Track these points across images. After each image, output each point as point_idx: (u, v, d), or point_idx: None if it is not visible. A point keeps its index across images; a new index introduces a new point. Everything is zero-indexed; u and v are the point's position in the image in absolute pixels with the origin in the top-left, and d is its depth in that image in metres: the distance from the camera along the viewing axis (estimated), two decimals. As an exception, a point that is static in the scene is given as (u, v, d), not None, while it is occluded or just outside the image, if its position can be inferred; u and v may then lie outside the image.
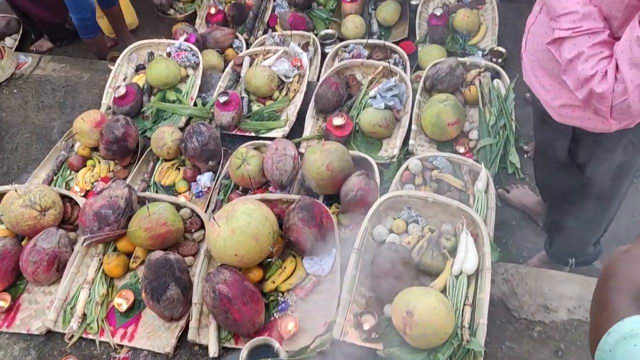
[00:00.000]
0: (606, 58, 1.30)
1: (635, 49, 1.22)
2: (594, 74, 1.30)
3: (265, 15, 3.71)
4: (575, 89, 1.37)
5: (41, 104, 3.18)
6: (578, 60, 1.33)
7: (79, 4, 3.22)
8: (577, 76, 1.34)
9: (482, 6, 3.34)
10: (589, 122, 1.53)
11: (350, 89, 2.84)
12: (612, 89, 1.28)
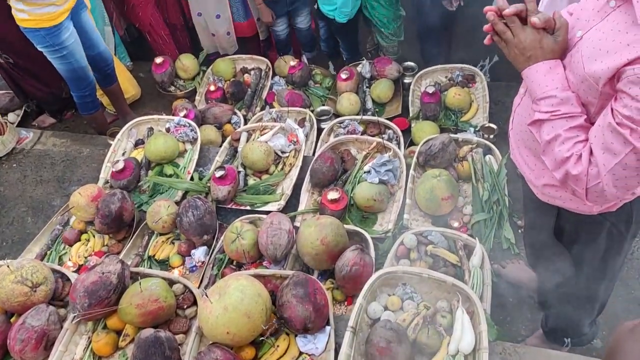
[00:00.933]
0: (582, 142, 1.34)
1: (607, 134, 1.26)
2: (570, 156, 1.34)
3: (264, 93, 3.83)
4: (553, 169, 1.41)
5: (39, 178, 3.21)
6: (555, 142, 1.37)
7: (78, 82, 3.32)
8: (555, 157, 1.38)
9: (473, 84, 3.45)
10: (571, 202, 1.56)
11: (345, 163, 2.89)
12: (587, 172, 1.32)
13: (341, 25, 3.78)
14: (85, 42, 3.29)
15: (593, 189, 1.32)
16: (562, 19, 1.40)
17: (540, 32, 1.37)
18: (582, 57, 1.33)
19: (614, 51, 1.24)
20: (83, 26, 3.25)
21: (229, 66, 3.98)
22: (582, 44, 1.35)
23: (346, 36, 4.01)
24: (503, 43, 1.41)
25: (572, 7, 1.60)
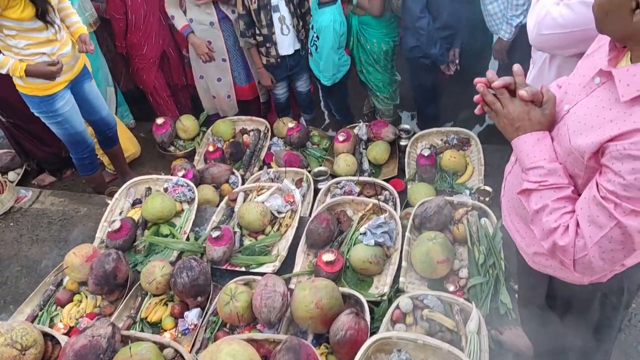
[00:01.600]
0: (569, 213, 1.36)
1: (592, 207, 1.28)
2: (557, 227, 1.36)
3: (262, 153, 3.88)
4: (541, 239, 1.42)
5: (35, 237, 3.21)
6: (543, 212, 1.39)
7: (77, 145, 3.37)
8: (542, 227, 1.39)
9: (468, 147, 3.50)
10: (561, 272, 1.56)
11: (341, 224, 2.90)
12: (574, 244, 1.33)
13: (327, 87, 3.90)
14: (87, 109, 3.37)
15: (580, 260, 1.33)
16: (549, 93, 1.45)
17: (528, 105, 1.42)
18: (568, 131, 1.36)
19: (597, 127, 1.27)
20: (85, 95, 3.32)
21: (228, 127, 4.05)
22: (568, 117, 1.39)
23: (332, 98, 4.12)
24: (493, 113, 1.45)
25: (560, 81, 1.66)
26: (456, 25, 3.47)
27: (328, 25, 3.53)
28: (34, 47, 2.91)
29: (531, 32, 1.94)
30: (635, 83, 1.22)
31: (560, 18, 1.80)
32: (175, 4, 3.83)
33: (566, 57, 1.98)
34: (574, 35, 1.79)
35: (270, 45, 3.77)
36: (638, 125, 1.19)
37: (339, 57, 3.71)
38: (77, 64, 3.19)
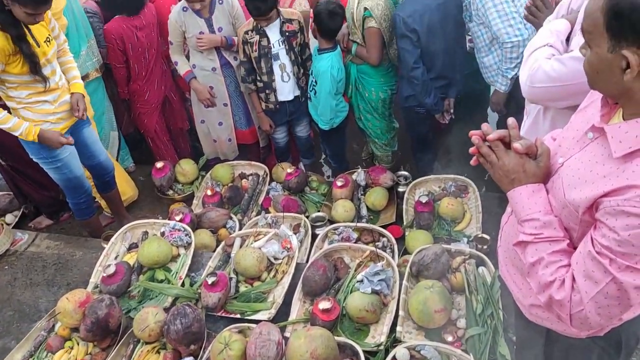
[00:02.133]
0: (565, 266, 1.35)
1: (587, 262, 1.28)
2: (553, 281, 1.35)
3: (260, 198, 3.88)
4: (537, 292, 1.41)
5: (29, 281, 3.18)
6: (539, 265, 1.38)
7: (75, 189, 3.37)
8: (539, 280, 1.39)
9: (465, 195, 3.51)
10: (558, 325, 1.54)
11: (338, 271, 2.87)
12: (570, 298, 1.32)
13: (324, 131, 3.94)
14: (85, 154, 3.39)
15: (577, 315, 1.32)
16: (544, 146, 1.47)
17: (523, 157, 1.43)
18: (562, 184, 1.37)
19: (591, 181, 1.28)
20: (84, 140, 3.35)
21: (227, 171, 4.07)
22: (563, 170, 1.40)
23: (328, 144, 4.16)
24: (488, 165, 1.47)
25: (555, 133, 1.68)
26: (451, 76, 3.53)
27: (326, 71, 3.60)
28: (35, 95, 2.97)
29: (524, 84, 1.97)
30: (627, 140, 1.23)
31: (552, 72, 1.84)
32: (179, 51, 3.92)
33: (559, 109, 2.01)
34: (566, 89, 1.83)
35: (269, 92, 3.83)
36: (631, 182, 1.20)
37: (337, 103, 3.77)
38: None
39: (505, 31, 3.11)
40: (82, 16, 3.79)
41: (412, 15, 3.22)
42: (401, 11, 3.26)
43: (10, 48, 2.75)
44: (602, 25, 1.20)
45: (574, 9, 2.06)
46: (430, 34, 3.29)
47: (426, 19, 3.24)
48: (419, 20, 3.22)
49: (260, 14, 3.48)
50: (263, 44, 3.64)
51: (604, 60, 1.23)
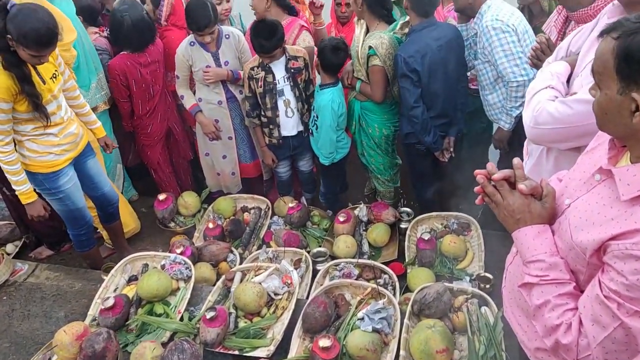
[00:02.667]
0: (572, 310, 1.34)
1: (595, 306, 1.26)
2: (559, 324, 1.33)
3: (261, 232, 3.87)
4: (543, 336, 1.39)
5: (27, 312, 3.15)
6: (545, 307, 1.37)
7: (76, 221, 3.37)
8: (545, 324, 1.37)
9: (468, 232, 3.50)
10: None
11: (338, 308, 2.84)
12: (577, 342, 1.30)
13: (323, 166, 3.96)
14: (89, 185, 3.41)
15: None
16: (549, 187, 1.47)
17: (528, 198, 1.43)
18: (569, 226, 1.37)
19: (599, 224, 1.28)
20: (88, 172, 3.37)
21: (229, 205, 4.07)
22: (569, 212, 1.40)
23: (327, 179, 4.17)
24: (493, 204, 1.47)
25: (561, 174, 1.68)
26: (451, 114, 3.56)
27: (326, 105, 3.65)
28: (40, 129, 3.00)
29: (527, 125, 1.98)
30: (635, 183, 1.23)
31: (556, 113, 1.85)
32: (185, 85, 3.97)
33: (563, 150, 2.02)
34: (571, 131, 1.83)
35: (273, 127, 3.86)
36: (639, 226, 1.19)
37: (337, 137, 3.80)
38: (81, 142, 3.27)
39: (511, 70, 3.15)
40: (92, 50, 3.86)
41: (414, 55, 3.26)
42: (403, 51, 3.31)
43: (17, 87, 2.78)
44: (613, 67, 1.22)
45: (572, 51, 2.09)
46: (431, 74, 3.33)
47: (427, 60, 3.28)
48: (420, 61, 3.27)
49: (264, 51, 3.54)
50: (268, 80, 3.68)
51: (613, 102, 1.24)
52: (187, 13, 3.65)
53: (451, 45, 3.39)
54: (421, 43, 3.30)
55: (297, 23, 4.03)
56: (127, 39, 3.80)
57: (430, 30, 3.33)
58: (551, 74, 2.00)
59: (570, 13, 2.53)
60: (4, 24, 2.63)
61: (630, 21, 1.22)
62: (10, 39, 2.65)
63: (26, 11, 2.64)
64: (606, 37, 1.26)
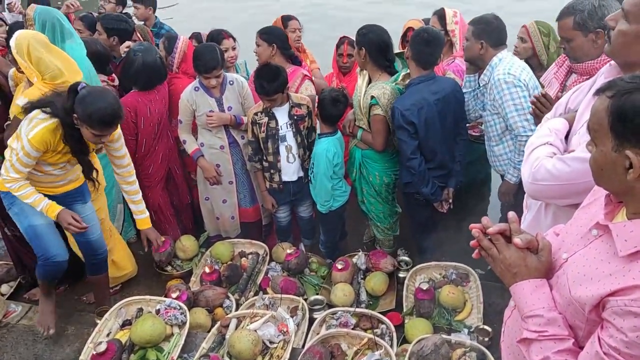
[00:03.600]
0: None
1: None
2: None
3: (259, 278, 3.84)
4: None
5: (18, 355, 3.09)
6: None
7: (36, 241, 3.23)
8: None
9: (467, 283, 3.47)
10: None
11: (334, 359, 2.80)
12: None
13: (322, 214, 3.97)
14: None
15: None
16: (544, 241, 1.47)
17: (524, 251, 1.44)
18: (568, 281, 1.37)
19: (597, 279, 1.28)
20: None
21: (227, 249, 4.05)
22: (567, 267, 1.40)
23: (324, 226, 4.17)
24: (490, 258, 1.47)
25: (558, 228, 1.69)
26: (450, 166, 3.60)
27: (321, 153, 3.71)
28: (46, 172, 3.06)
29: (526, 181, 2.00)
30: (632, 239, 1.24)
31: (554, 170, 1.87)
32: (188, 129, 4.02)
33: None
34: (569, 188, 1.85)
35: (274, 172, 3.89)
36: (638, 282, 1.20)
37: (333, 186, 3.83)
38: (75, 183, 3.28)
39: (521, 124, 3.18)
40: None
41: (410, 108, 3.32)
42: (399, 104, 3.37)
43: (56, 145, 2.91)
44: (607, 125, 1.25)
45: (571, 108, 2.13)
46: (427, 127, 3.38)
47: (424, 113, 3.34)
48: (416, 114, 3.32)
49: (265, 93, 3.60)
50: (271, 125, 3.74)
51: (608, 158, 1.27)
52: (196, 55, 3.75)
53: (449, 99, 3.44)
54: (418, 96, 3.36)
55: (300, 72, 4.12)
56: (136, 77, 3.87)
57: (429, 84, 3.39)
58: (549, 130, 2.03)
59: (575, 65, 2.58)
60: (72, 104, 2.79)
61: (624, 81, 1.26)
62: (76, 118, 2.81)
63: (94, 93, 2.83)
64: (601, 95, 1.29)
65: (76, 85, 2.83)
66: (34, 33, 3.26)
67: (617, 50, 1.80)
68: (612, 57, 1.85)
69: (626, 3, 1.75)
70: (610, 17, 1.83)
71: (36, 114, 2.86)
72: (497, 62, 3.30)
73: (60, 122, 2.84)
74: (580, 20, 2.45)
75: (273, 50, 3.97)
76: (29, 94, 3.12)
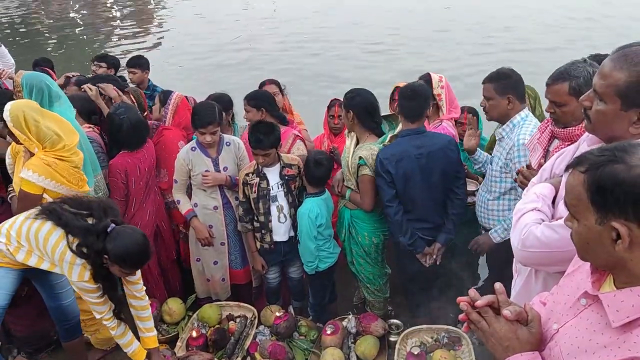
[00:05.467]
0: None
1: None
2: None
3: (247, 342, 3.73)
4: None
5: None
6: None
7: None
8: None
9: (459, 347, 3.40)
10: None
11: None
12: None
13: (310, 275, 3.94)
14: (48, 293, 3.33)
15: None
16: (533, 311, 1.45)
17: (514, 323, 1.41)
18: (561, 353, 1.35)
19: (592, 351, 1.26)
20: (48, 278, 3.28)
21: (215, 312, 3.96)
22: (559, 338, 1.38)
23: (312, 288, 4.12)
24: (480, 332, 1.44)
25: (543, 296, 1.67)
26: (436, 221, 3.60)
27: (304, 213, 3.73)
28: None
29: (515, 248, 1.99)
30: (623, 309, 1.23)
31: (543, 237, 1.86)
32: (182, 190, 4.03)
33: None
34: (558, 255, 1.83)
35: (265, 232, 3.87)
36: (633, 354, 1.18)
37: (318, 247, 3.81)
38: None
39: None
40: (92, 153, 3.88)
41: (389, 158, 3.41)
42: (381, 152, 3.46)
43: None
44: (587, 199, 1.25)
45: (556, 173, 2.15)
46: (406, 179, 3.45)
47: (403, 165, 3.41)
48: (394, 164, 3.40)
49: (262, 146, 3.63)
50: (262, 186, 3.75)
51: (593, 232, 1.26)
52: (194, 111, 3.83)
53: (435, 155, 3.46)
54: (399, 148, 3.44)
55: (292, 133, 4.18)
56: (128, 139, 3.90)
57: (414, 138, 3.45)
58: (536, 195, 2.04)
59: (557, 130, 2.62)
60: (104, 246, 2.84)
61: (594, 155, 1.28)
62: (107, 258, 2.85)
63: (125, 235, 2.87)
64: (573, 171, 1.30)
65: (106, 225, 2.88)
66: (26, 102, 3.26)
67: (599, 128, 1.83)
68: (594, 134, 1.88)
69: (597, 85, 1.78)
70: (585, 98, 1.86)
71: (63, 254, 2.88)
72: (521, 121, 3.22)
73: (90, 262, 2.90)
74: (576, 86, 2.48)
75: (262, 115, 4.05)
76: (33, 165, 3.12)
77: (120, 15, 17.98)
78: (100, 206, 2.99)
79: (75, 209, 2.95)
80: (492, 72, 3.31)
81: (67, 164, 3.22)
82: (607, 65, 1.74)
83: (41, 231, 2.90)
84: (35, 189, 3.12)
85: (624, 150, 1.24)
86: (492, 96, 3.26)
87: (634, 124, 1.71)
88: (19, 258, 2.98)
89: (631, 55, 1.70)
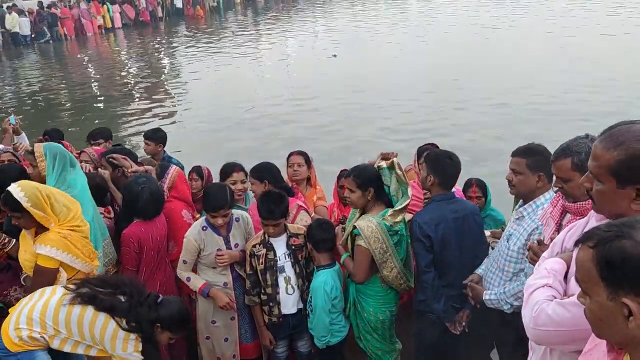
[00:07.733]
0: None
1: None
2: None
3: None
4: None
5: None
6: None
7: None
8: None
9: None
10: None
11: None
12: None
13: (320, 350, 3.84)
14: None
15: None
16: None
17: None
18: None
19: None
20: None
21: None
22: None
23: None
24: None
25: None
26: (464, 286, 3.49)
27: (319, 286, 3.66)
28: None
29: (527, 326, 1.94)
30: None
31: (555, 316, 1.82)
32: (188, 268, 3.98)
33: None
34: (571, 334, 1.78)
35: (273, 305, 3.80)
36: None
37: (333, 320, 3.73)
38: None
39: None
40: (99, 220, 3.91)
41: (428, 222, 3.41)
42: (419, 217, 3.48)
43: None
44: (597, 275, 1.24)
45: (567, 248, 2.12)
46: (444, 244, 3.43)
47: (441, 229, 3.41)
48: (433, 228, 3.40)
49: (273, 217, 3.62)
50: (269, 257, 3.72)
51: (605, 309, 1.24)
52: (205, 195, 3.85)
53: (468, 220, 3.52)
54: (438, 212, 3.46)
55: (295, 203, 4.19)
56: (145, 207, 3.94)
57: (449, 202, 3.51)
58: (547, 270, 2.01)
59: (568, 205, 2.61)
60: (157, 315, 3.00)
61: (602, 230, 1.28)
62: (159, 327, 2.99)
63: (172, 303, 3.11)
64: (582, 246, 1.30)
65: (156, 297, 3.01)
66: (32, 183, 3.31)
67: (602, 207, 1.87)
68: (601, 214, 1.91)
69: (591, 167, 1.84)
70: (584, 180, 1.92)
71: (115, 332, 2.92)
72: (545, 202, 3.01)
73: (141, 334, 2.96)
74: (578, 161, 2.50)
75: (266, 187, 4.09)
76: (50, 240, 3.16)
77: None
78: (126, 282, 3.08)
79: (102, 288, 3.01)
80: (523, 146, 3.12)
81: (79, 234, 3.26)
82: (597, 147, 1.81)
83: (85, 317, 2.93)
84: (53, 263, 3.17)
85: (631, 227, 1.24)
86: (523, 171, 3.04)
87: (634, 201, 1.74)
88: (55, 345, 2.98)
89: (616, 135, 1.77)
